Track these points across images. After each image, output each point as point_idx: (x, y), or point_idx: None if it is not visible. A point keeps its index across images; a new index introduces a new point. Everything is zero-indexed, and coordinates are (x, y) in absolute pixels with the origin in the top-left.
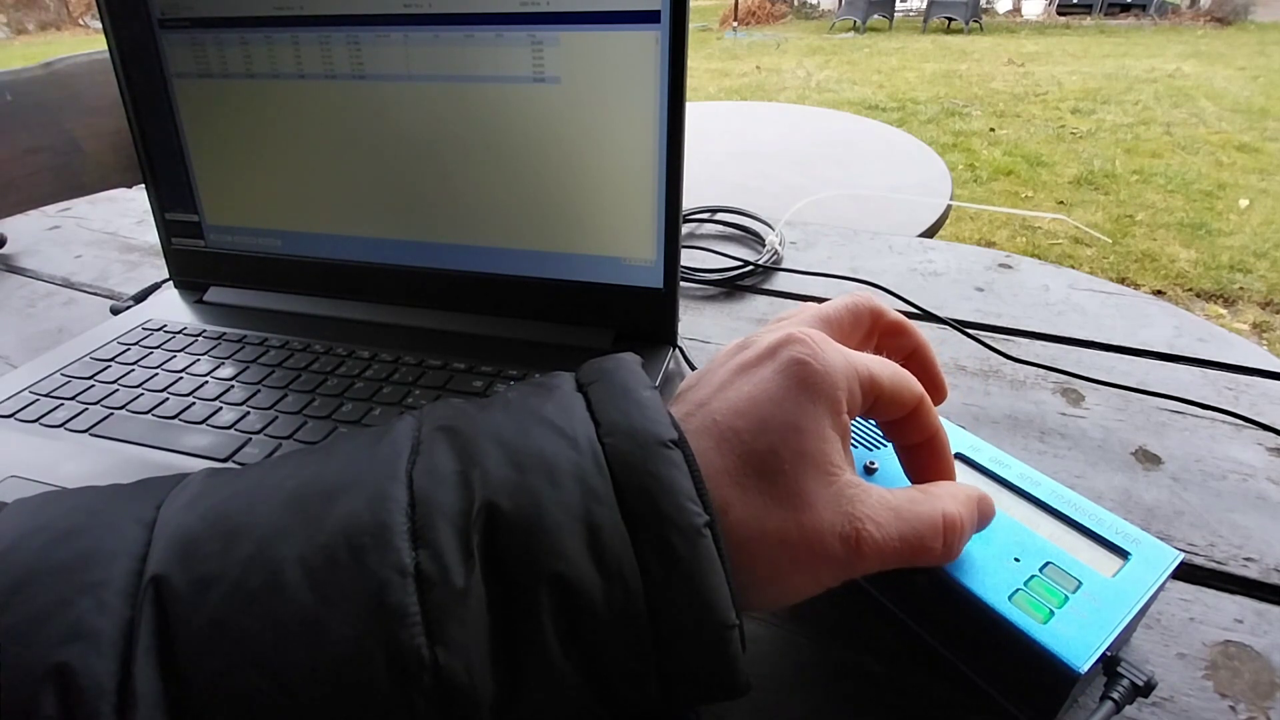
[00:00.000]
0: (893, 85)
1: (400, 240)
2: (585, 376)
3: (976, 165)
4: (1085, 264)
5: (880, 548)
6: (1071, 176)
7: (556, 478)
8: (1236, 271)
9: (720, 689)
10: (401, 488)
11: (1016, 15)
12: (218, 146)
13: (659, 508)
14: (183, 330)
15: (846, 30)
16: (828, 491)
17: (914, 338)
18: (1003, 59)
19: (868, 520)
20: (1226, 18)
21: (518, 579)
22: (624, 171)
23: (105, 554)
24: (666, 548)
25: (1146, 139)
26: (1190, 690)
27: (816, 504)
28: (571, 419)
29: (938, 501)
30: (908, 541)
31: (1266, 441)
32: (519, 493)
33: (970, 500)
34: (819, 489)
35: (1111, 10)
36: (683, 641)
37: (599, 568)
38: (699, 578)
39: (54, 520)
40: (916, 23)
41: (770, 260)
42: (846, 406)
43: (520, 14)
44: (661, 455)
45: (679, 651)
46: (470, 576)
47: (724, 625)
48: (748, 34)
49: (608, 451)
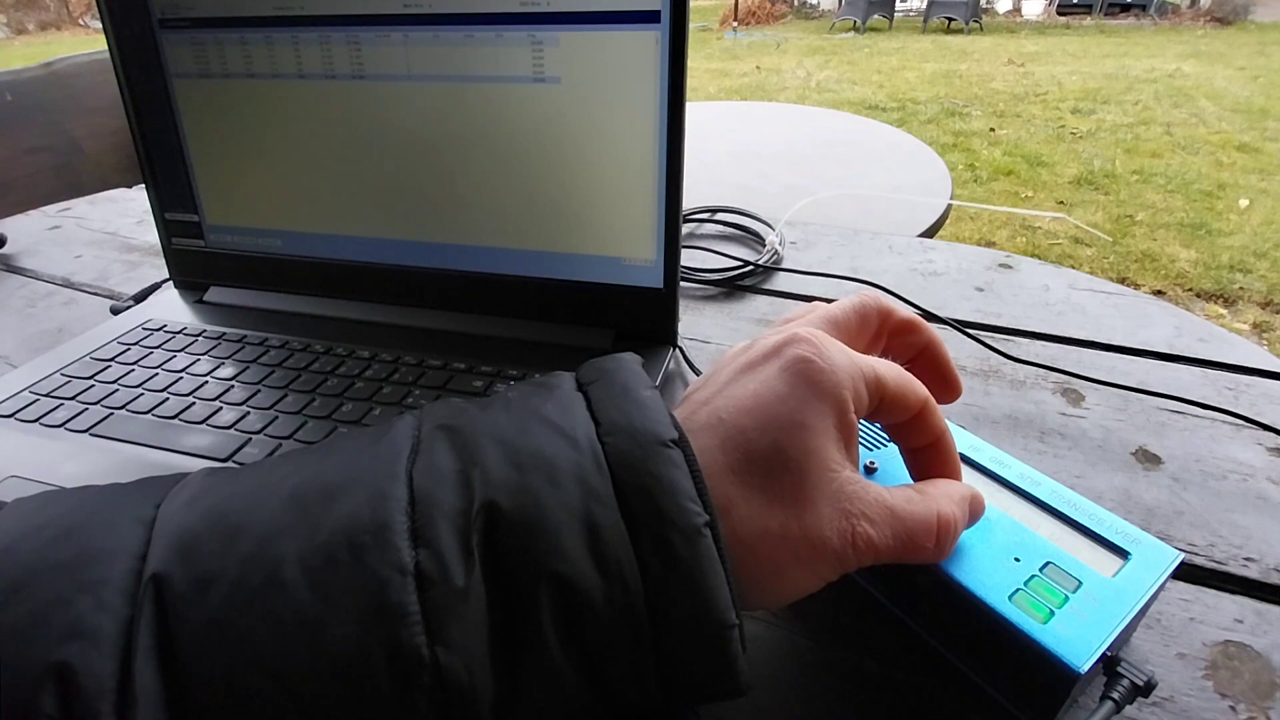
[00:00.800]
0: (893, 85)
1: (400, 240)
2: (585, 376)
3: (976, 165)
4: (1085, 264)
5: (876, 545)
6: (1071, 176)
7: (556, 477)
8: (1236, 271)
9: (720, 689)
10: (402, 486)
11: (1016, 15)
12: (218, 146)
13: (659, 507)
14: (183, 330)
15: (846, 30)
16: (829, 489)
17: (925, 334)
18: (1003, 59)
19: (864, 518)
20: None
21: (517, 578)
22: (624, 171)
23: (105, 553)
24: (666, 547)
25: (1146, 139)
26: (1190, 690)
27: (817, 501)
28: (572, 419)
29: (933, 502)
30: (902, 540)
31: (1266, 441)
32: (519, 492)
33: (964, 500)
34: (820, 486)
35: (1111, 10)
36: (682, 641)
37: (599, 567)
38: (699, 577)
39: (53, 519)
40: (916, 23)
41: (770, 260)
42: (853, 405)
43: (520, 14)
44: (662, 455)
45: (679, 651)
46: (470, 576)
47: (724, 625)
48: (748, 34)
49: (608, 451)
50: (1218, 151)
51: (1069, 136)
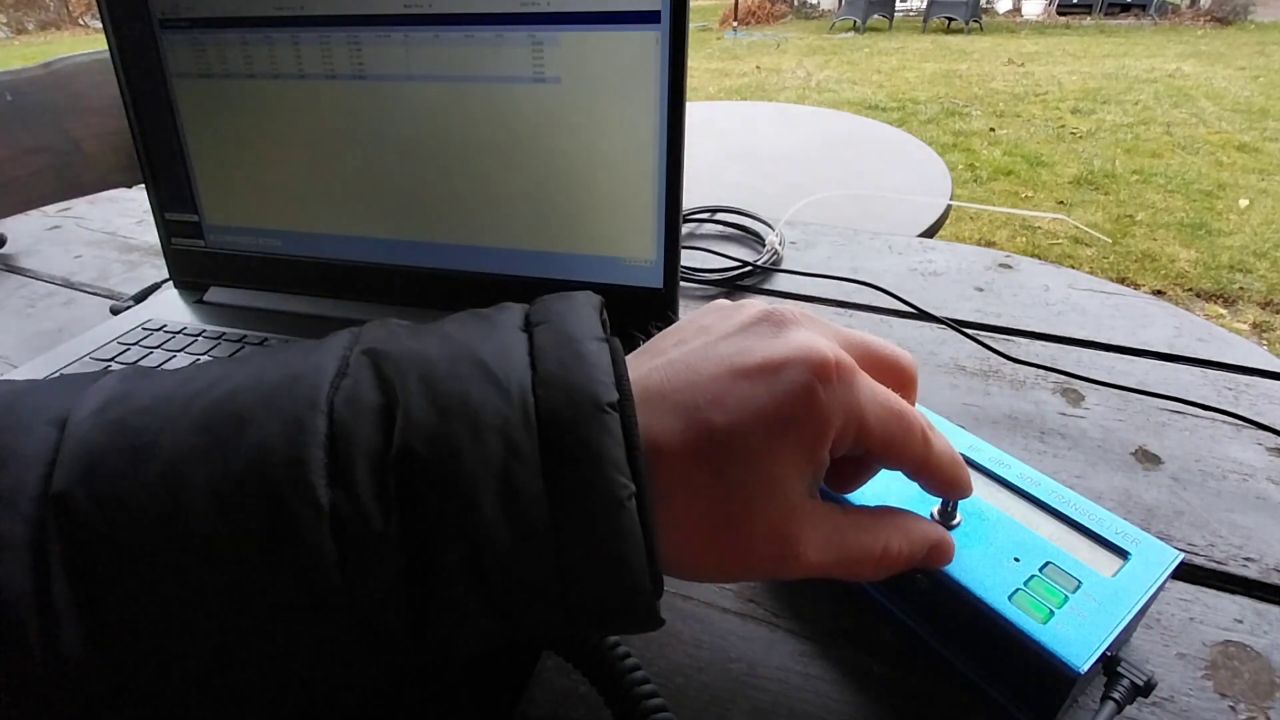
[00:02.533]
0: (893, 85)
1: (400, 240)
2: (535, 315)
3: (976, 165)
4: (1085, 264)
5: (810, 566)
6: (1071, 176)
7: (479, 429)
8: (1236, 271)
9: (633, 630)
10: (321, 417)
11: (1016, 15)
12: (218, 146)
13: (583, 475)
14: (183, 330)
15: (846, 30)
16: (775, 513)
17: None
18: (1003, 59)
19: (806, 543)
20: (1226, 18)
21: (431, 529)
22: (624, 171)
23: (18, 457)
24: (585, 516)
25: (1146, 139)
26: (1190, 690)
27: (756, 518)
28: (508, 364)
29: (882, 534)
30: (841, 564)
31: (1266, 441)
32: (438, 440)
33: (921, 540)
34: (766, 508)
35: (1111, 10)
36: (592, 603)
37: (512, 528)
38: (615, 550)
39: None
40: (916, 22)
41: (770, 260)
42: (831, 446)
43: (520, 14)
44: (595, 420)
45: (588, 608)
46: (388, 523)
47: (636, 591)
48: (748, 34)
49: (540, 406)
50: (1218, 151)
51: (1069, 136)
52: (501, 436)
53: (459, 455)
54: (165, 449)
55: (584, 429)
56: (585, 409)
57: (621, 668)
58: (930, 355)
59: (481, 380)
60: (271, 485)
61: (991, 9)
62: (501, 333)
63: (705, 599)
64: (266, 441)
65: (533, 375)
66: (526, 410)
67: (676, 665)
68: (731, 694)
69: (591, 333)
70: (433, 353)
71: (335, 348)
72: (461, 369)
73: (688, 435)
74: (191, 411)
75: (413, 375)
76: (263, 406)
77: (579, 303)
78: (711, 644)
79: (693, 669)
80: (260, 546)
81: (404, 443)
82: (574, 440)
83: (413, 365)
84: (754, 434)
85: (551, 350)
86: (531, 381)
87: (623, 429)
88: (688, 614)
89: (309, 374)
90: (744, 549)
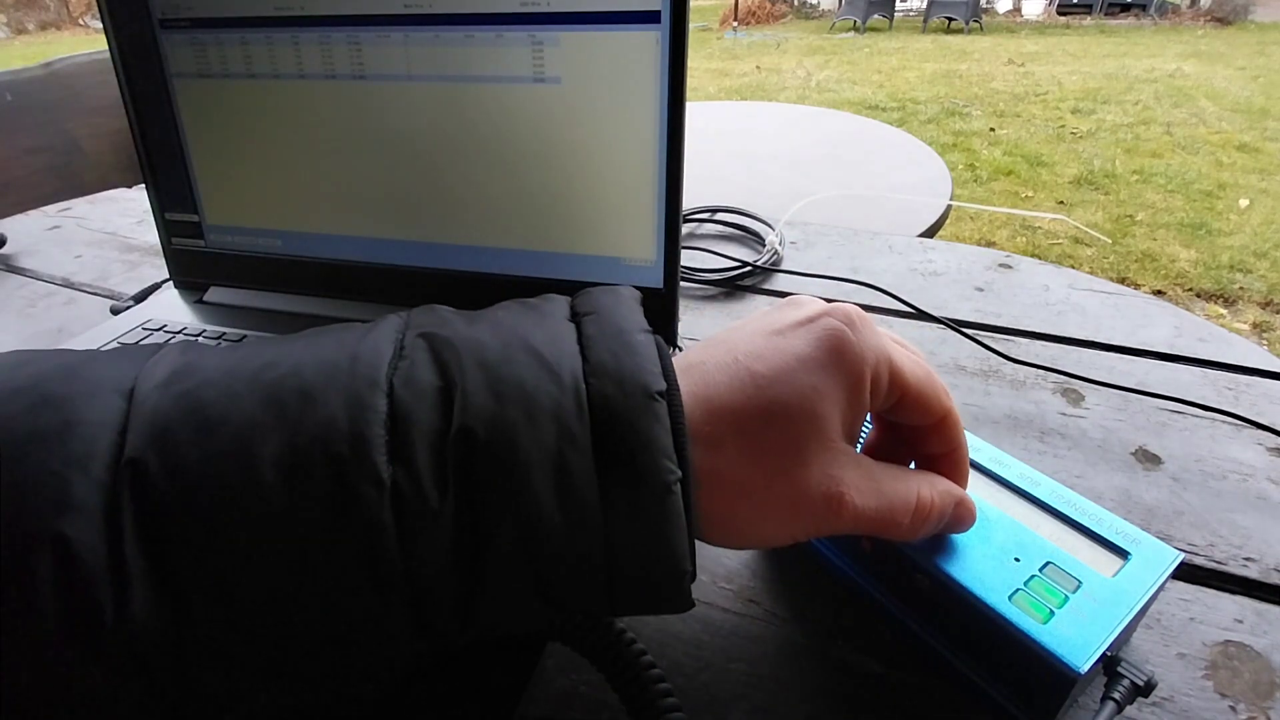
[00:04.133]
0: (893, 85)
1: (400, 240)
2: (581, 306)
3: (976, 165)
4: (1085, 264)
5: (857, 514)
6: (1071, 176)
7: (534, 413)
8: (1236, 271)
9: (668, 611)
10: (382, 397)
11: (1016, 15)
12: (218, 146)
13: (633, 461)
14: (183, 330)
15: (846, 30)
16: (823, 455)
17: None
18: (1003, 59)
19: (851, 487)
20: (1226, 18)
21: (486, 507)
22: (624, 171)
23: (89, 425)
24: (633, 500)
25: (1146, 139)
26: (1190, 690)
27: (809, 462)
28: (559, 351)
29: (914, 483)
30: (881, 513)
31: (1266, 441)
32: (496, 423)
33: (948, 494)
34: (815, 449)
35: (1111, 10)
36: (635, 582)
37: (563, 510)
38: (660, 532)
39: (28, 384)
40: (916, 23)
41: (770, 260)
42: (870, 388)
43: (520, 14)
44: (646, 407)
45: (630, 588)
46: (444, 500)
47: (678, 572)
48: (748, 34)
49: (591, 394)
50: (1218, 151)
51: (1069, 136)
52: (555, 422)
53: (515, 438)
54: (234, 422)
55: (635, 416)
56: (636, 397)
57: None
58: (930, 355)
59: (536, 367)
60: (335, 460)
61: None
62: (551, 322)
63: (705, 599)
64: (330, 418)
65: (584, 364)
66: (579, 397)
67: (676, 665)
68: (731, 694)
69: (638, 325)
70: (487, 339)
71: (388, 330)
72: (516, 355)
73: (734, 385)
74: (257, 387)
75: (470, 359)
76: (326, 384)
77: (624, 296)
78: (711, 644)
79: (693, 669)
80: (323, 517)
81: (463, 424)
82: (625, 427)
83: (469, 350)
84: (795, 376)
85: (600, 340)
86: (583, 370)
87: (670, 415)
88: (688, 614)
89: (367, 354)
90: (796, 496)
